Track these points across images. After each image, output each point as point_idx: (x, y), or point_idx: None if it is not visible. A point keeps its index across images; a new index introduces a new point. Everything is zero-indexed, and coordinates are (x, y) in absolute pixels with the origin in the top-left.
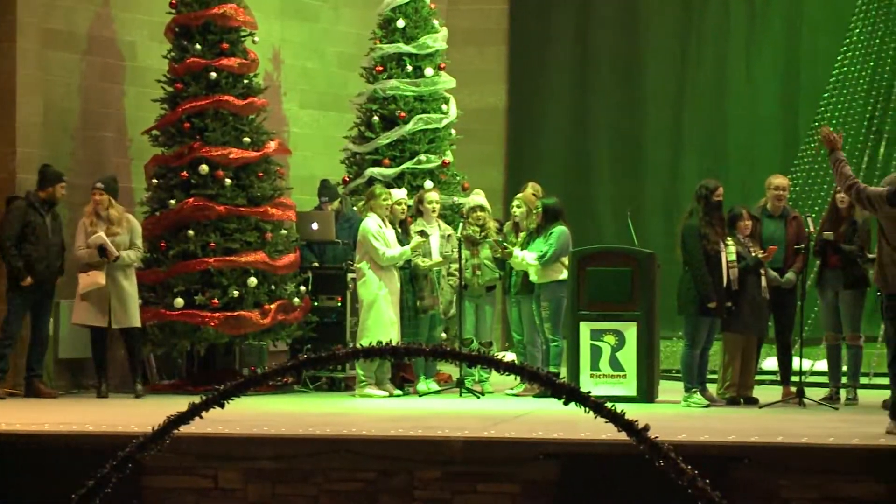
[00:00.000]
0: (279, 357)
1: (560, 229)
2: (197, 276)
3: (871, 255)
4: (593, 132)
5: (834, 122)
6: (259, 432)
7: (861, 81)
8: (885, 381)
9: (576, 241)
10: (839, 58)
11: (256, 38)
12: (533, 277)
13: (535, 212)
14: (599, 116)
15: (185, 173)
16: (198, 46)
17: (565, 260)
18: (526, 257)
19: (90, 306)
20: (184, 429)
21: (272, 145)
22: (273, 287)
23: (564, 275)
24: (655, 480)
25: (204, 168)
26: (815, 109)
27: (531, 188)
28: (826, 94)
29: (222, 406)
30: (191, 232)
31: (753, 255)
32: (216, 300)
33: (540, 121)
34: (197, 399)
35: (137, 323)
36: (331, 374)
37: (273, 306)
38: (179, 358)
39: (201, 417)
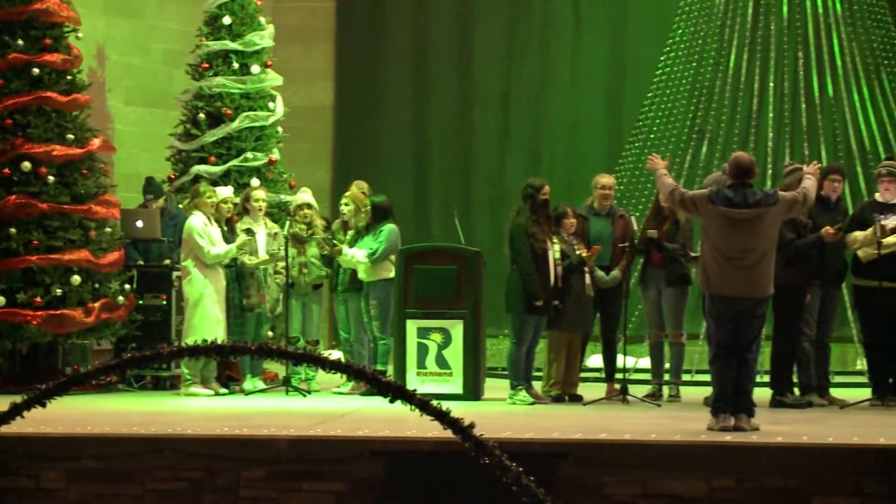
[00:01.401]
0: (103, 356)
1: (389, 227)
2: (19, 275)
3: (693, 254)
4: (421, 130)
5: (657, 122)
6: (82, 432)
7: (684, 82)
8: (707, 377)
9: (405, 240)
10: (662, 58)
11: (80, 34)
12: (362, 275)
13: (363, 210)
14: (428, 115)
15: (7, 170)
16: (20, 42)
17: (394, 258)
18: (356, 255)
19: None
20: (5, 429)
21: (96, 142)
22: (97, 285)
23: (393, 273)
24: (481, 478)
25: (26, 165)
26: (639, 109)
27: (358, 186)
28: (650, 95)
29: (44, 405)
30: (13, 229)
31: (578, 253)
32: (39, 298)
33: (367, 119)
34: (18, 398)
35: None
36: (156, 373)
37: (97, 305)
38: (1, 357)
39: (23, 417)
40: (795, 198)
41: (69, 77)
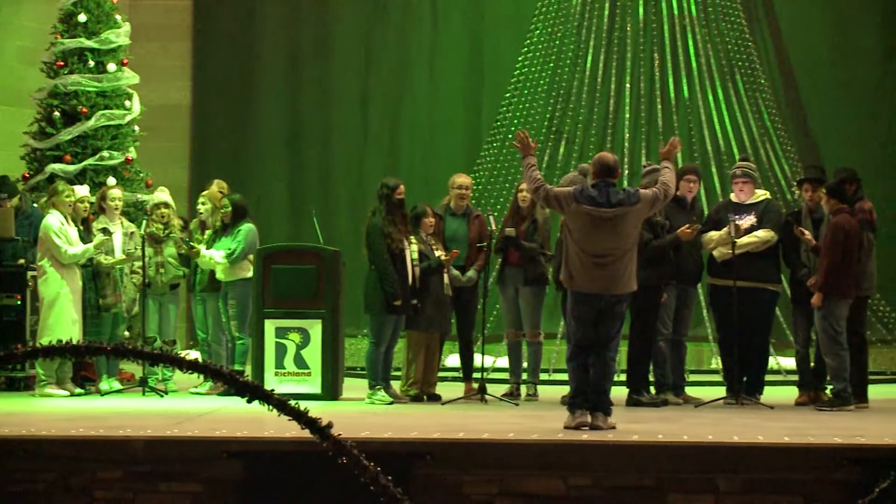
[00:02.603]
0: None
1: (247, 227)
2: None
3: (551, 253)
4: (280, 130)
5: (515, 122)
6: None
7: (541, 82)
8: (565, 376)
9: (272, 239)
10: (520, 59)
11: None
12: (220, 275)
13: (222, 210)
14: (286, 114)
15: None
16: None
17: (252, 257)
18: (214, 256)
19: None
20: None
21: None
22: None
23: (251, 272)
24: (340, 478)
25: None
26: (497, 109)
27: (216, 185)
28: (508, 95)
29: None
30: None
31: (437, 255)
32: None
33: (225, 118)
34: None
35: None
36: (10, 374)
37: None
38: None
39: None
40: (656, 195)
41: None
